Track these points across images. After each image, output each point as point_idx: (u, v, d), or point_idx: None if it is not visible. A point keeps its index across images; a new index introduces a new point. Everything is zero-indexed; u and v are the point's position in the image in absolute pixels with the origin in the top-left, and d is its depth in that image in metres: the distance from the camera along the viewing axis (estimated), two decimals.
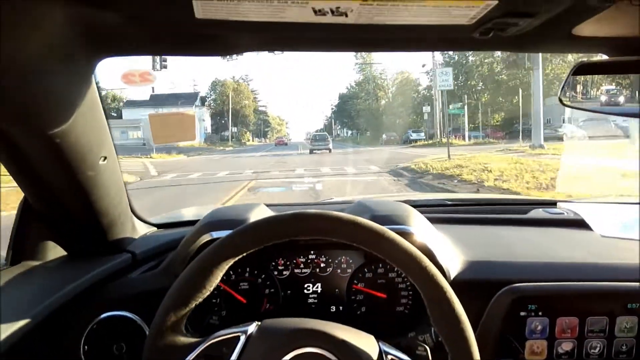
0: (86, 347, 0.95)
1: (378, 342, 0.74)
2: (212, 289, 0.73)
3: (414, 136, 35.77)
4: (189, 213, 1.63)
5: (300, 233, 0.75)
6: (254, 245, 0.74)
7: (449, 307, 0.70)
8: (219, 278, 0.73)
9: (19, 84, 0.67)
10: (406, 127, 42.26)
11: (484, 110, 36.25)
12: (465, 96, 32.95)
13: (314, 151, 26.14)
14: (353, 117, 60.91)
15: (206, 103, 57.07)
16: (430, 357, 0.78)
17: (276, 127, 79.62)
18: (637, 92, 0.93)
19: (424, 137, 35.03)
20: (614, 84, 0.93)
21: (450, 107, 31.11)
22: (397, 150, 26.61)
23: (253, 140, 64.86)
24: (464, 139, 29.79)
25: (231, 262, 0.74)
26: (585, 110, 0.95)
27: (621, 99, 0.92)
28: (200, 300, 0.73)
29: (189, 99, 46.52)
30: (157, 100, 43.67)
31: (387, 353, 0.72)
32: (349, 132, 68.18)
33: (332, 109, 72.49)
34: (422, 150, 23.65)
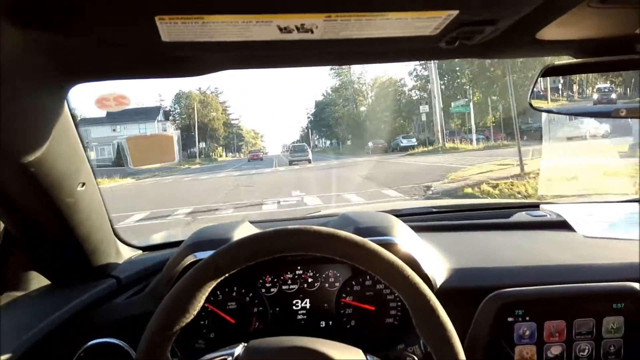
0: None
1: (366, 355, 0.74)
2: (195, 312, 0.72)
3: (404, 143, 31.70)
4: (174, 234, 1.61)
5: (282, 250, 0.74)
6: (236, 266, 0.73)
7: (433, 315, 0.70)
8: (202, 301, 0.72)
9: None
10: (393, 133, 37.98)
11: (476, 110, 30.74)
12: (470, 91, 28.79)
13: (294, 162, 25.07)
14: (332, 126, 55.67)
15: (170, 117, 52.02)
16: None
17: (251, 140, 74.97)
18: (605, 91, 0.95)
19: (416, 144, 31.12)
20: (595, 83, 0.95)
21: (453, 104, 27.44)
22: (395, 160, 21.67)
23: (226, 156, 59.44)
24: (470, 142, 25.56)
25: (214, 284, 0.73)
26: (555, 113, 0.97)
27: (593, 100, 0.95)
28: (184, 324, 0.71)
29: (150, 113, 42.41)
30: (114, 117, 38.88)
31: None
32: (328, 142, 62.17)
33: (309, 117, 66.67)
34: (428, 158, 19.42)
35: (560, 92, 0.94)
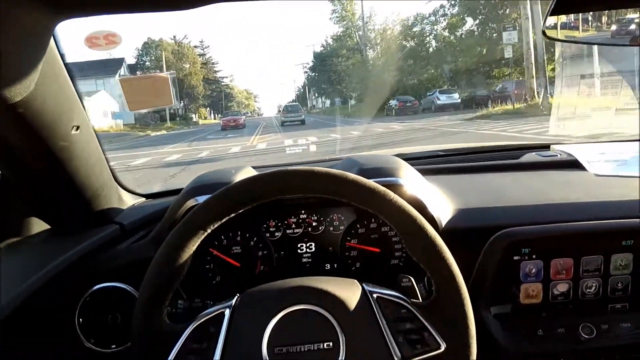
0: (81, 319, 0.96)
1: (361, 283, 0.74)
2: (184, 271, 0.71)
3: (443, 100, 22.38)
4: (178, 182, 1.61)
5: (255, 199, 0.73)
6: (232, 210, 0.72)
7: (421, 232, 0.70)
8: (190, 255, 0.72)
9: None
10: (420, 87, 28.10)
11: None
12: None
13: (286, 123, 21.76)
14: (334, 82, 42.62)
15: (138, 72, 39.18)
16: (415, 286, 0.78)
17: (243, 101, 64.28)
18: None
19: (458, 100, 22.09)
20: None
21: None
22: (476, 129, 12.05)
23: (214, 118, 48.12)
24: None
25: (199, 240, 0.72)
26: (571, 43, 0.91)
27: (611, 29, 0.88)
28: (177, 282, 0.71)
29: (110, 66, 33.83)
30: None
31: (371, 292, 0.72)
32: (328, 101, 48.70)
33: (306, 72, 51.76)
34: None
35: (576, 20, 0.88)
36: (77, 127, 0.91)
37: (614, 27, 0.90)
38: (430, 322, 0.69)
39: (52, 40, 0.77)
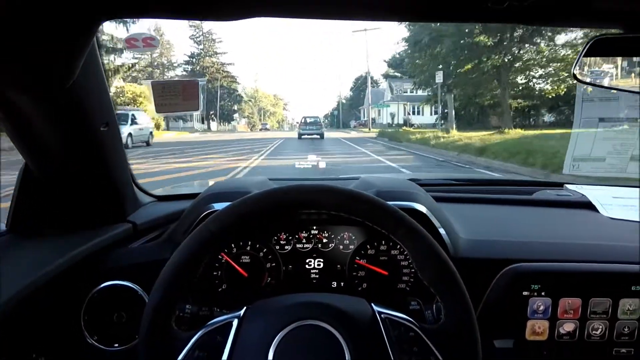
0: (86, 316, 0.96)
1: (370, 304, 0.74)
2: (198, 272, 0.71)
3: None
4: (190, 186, 1.63)
5: (288, 206, 0.74)
6: (245, 221, 0.73)
7: (435, 257, 0.71)
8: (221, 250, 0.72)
9: (17, 44, 0.65)
10: None
11: None
12: None
13: (303, 136, 21.35)
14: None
15: None
16: (424, 308, 0.78)
17: (269, 108, 55.15)
18: None
19: None
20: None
21: None
22: None
23: (211, 127, 34.23)
24: None
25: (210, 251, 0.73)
26: (600, 87, 0.92)
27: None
28: (187, 291, 0.71)
29: None
30: None
31: (380, 313, 0.72)
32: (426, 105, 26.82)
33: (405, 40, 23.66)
34: None
35: (608, 65, 0.89)
36: (106, 124, 0.93)
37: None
38: (437, 347, 0.69)
39: (94, 39, 0.79)
